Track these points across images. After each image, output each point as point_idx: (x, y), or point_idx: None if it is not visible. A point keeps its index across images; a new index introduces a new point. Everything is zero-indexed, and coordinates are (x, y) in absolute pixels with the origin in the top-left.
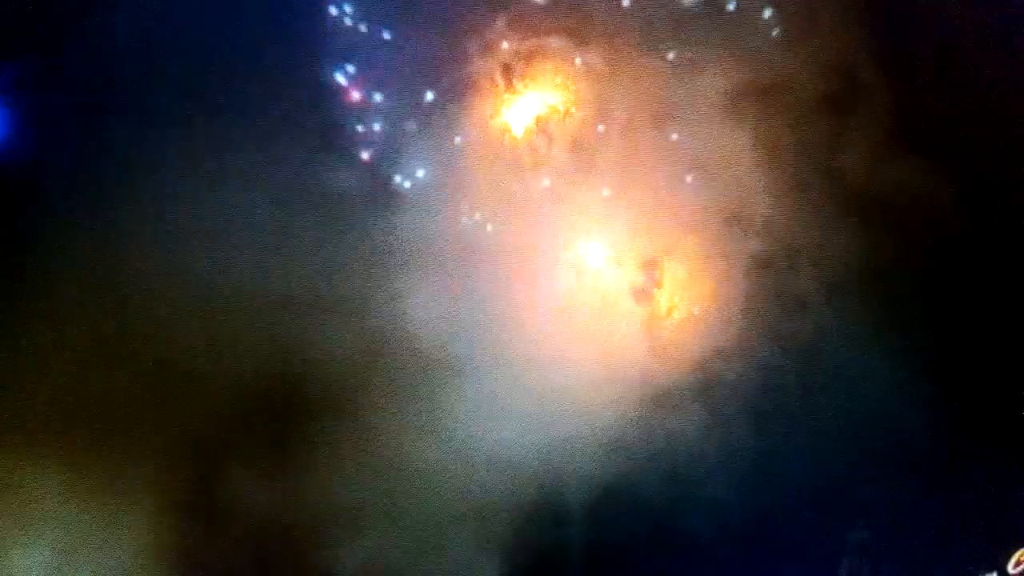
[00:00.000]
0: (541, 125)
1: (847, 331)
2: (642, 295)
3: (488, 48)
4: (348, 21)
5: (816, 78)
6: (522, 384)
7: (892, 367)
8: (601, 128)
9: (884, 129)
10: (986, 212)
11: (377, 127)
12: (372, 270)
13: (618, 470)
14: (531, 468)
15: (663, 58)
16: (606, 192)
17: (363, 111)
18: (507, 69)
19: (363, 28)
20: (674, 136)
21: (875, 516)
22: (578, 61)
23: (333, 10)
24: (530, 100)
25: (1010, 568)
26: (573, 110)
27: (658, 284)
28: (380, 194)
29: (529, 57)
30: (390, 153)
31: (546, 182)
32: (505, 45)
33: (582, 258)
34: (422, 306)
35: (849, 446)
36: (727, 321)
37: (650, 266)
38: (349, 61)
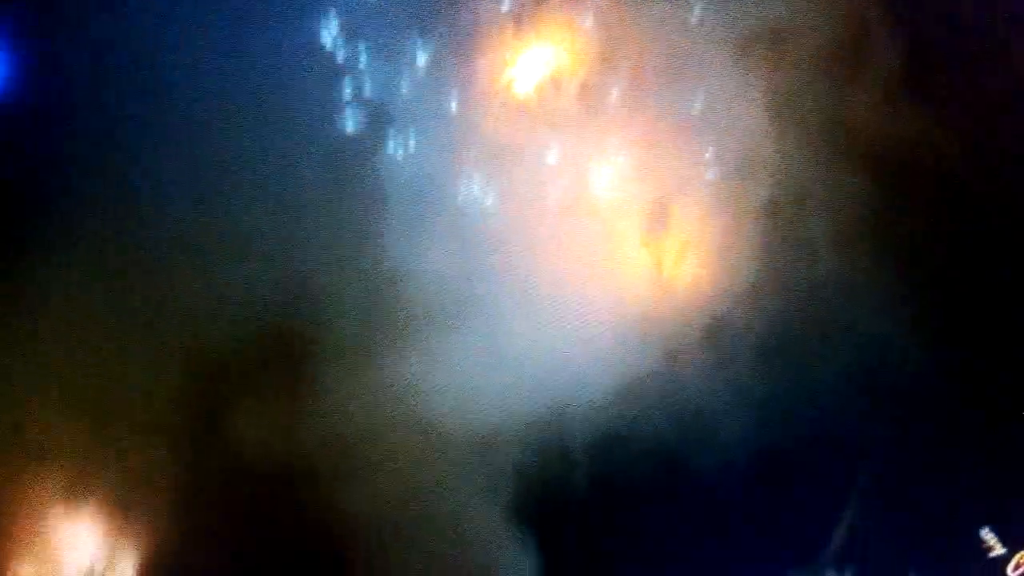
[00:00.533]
0: (549, 70)
1: (853, 277)
2: (652, 238)
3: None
4: None
5: (827, 25)
6: (532, 325)
7: (896, 313)
8: (610, 76)
9: (894, 77)
10: (991, 159)
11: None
12: (379, 215)
13: (626, 411)
14: (540, 409)
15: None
16: (615, 138)
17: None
18: (517, 17)
19: None
20: (683, 83)
21: (879, 458)
22: (589, 9)
23: None
24: (540, 48)
25: (1010, 571)
26: (582, 56)
27: (667, 227)
28: (384, 140)
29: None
30: (392, 103)
31: (554, 130)
32: None
33: (591, 202)
34: (430, 250)
35: (853, 389)
36: (736, 265)
37: (659, 209)
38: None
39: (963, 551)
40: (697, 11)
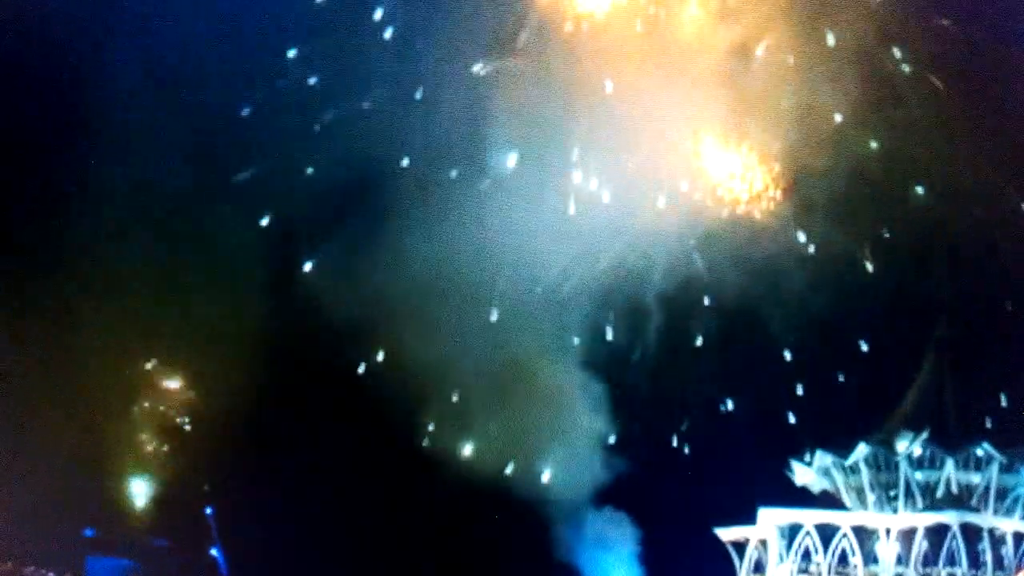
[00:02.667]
0: None
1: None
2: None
3: None
4: None
5: None
6: (604, 179)
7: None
8: None
9: None
10: None
11: None
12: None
13: (699, 264)
14: (611, 264)
15: None
16: None
17: None
18: None
19: None
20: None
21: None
22: None
23: None
24: None
25: None
26: None
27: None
28: None
29: None
30: None
31: None
32: None
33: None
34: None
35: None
36: (814, 111)
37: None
38: None
39: None
40: None
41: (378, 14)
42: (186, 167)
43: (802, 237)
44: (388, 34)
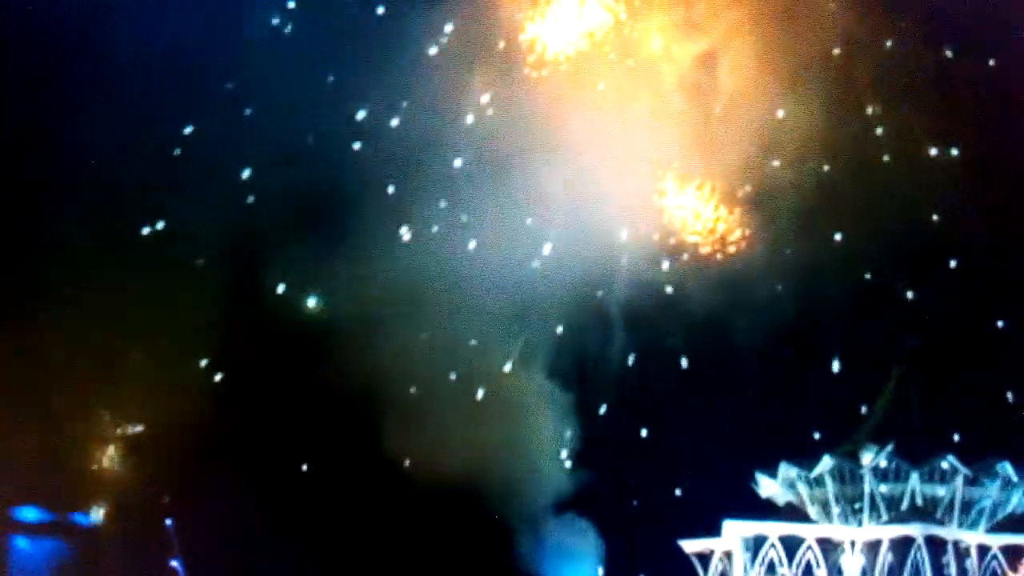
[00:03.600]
0: None
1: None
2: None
3: None
4: None
5: None
6: (572, 187)
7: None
8: None
9: None
10: None
11: None
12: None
13: (667, 276)
14: (580, 273)
15: None
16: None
17: None
18: None
19: None
20: None
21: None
22: None
23: None
24: None
25: None
26: None
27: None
28: None
29: None
30: None
31: None
32: None
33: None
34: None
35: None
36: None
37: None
38: None
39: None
40: None
41: None
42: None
43: (768, 247)
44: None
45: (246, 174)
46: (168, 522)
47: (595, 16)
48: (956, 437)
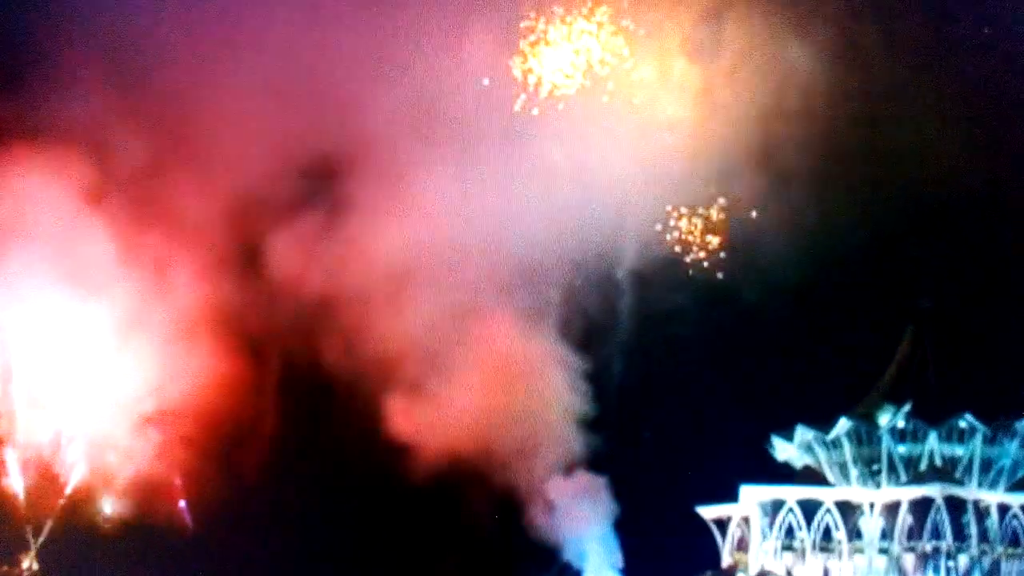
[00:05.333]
0: None
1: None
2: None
3: None
4: None
5: None
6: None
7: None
8: None
9: None
10: None
11: None
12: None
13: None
14: (586, 233)
15: None
16: None
17: None
18: None
19: None
20: None
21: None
22: None
23: None
24: None
25: None
26: None
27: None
28: None
29: None
30: None
31: None
32: None
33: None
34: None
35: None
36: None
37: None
38: None
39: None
40: None
41: None
42: None
43: (779, 210)
44: None
45: None
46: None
47: None
48: (974, 395)
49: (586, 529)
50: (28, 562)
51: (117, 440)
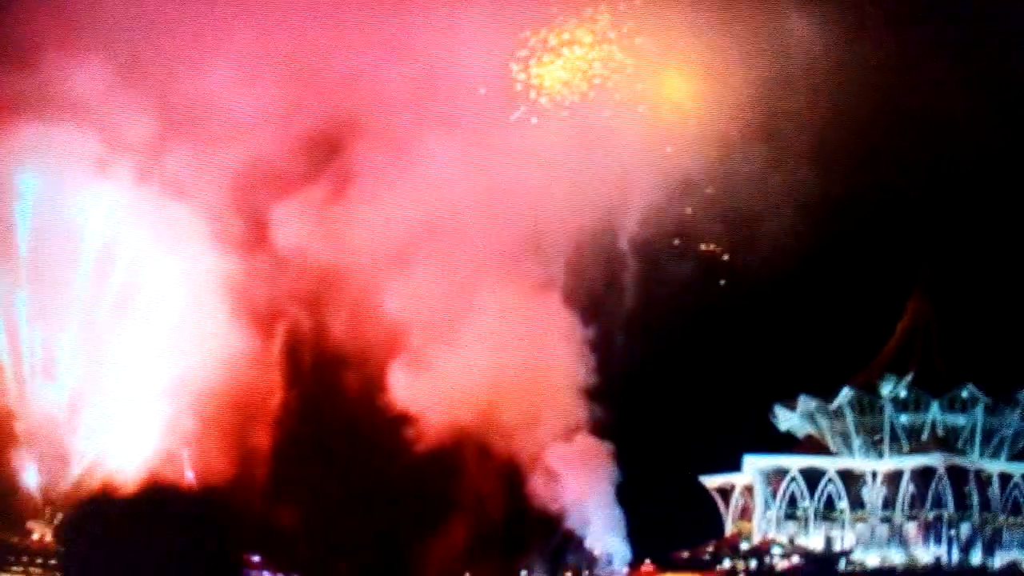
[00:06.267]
0: None
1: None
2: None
3: None
4: None
5: None
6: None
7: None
8: None
9: None
10: None
11: None
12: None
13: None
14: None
15: None
16: None
17: None
18: None
19: None
20: None
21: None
22: None
23: None
24: None
25: None
26: None
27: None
28: None
29: None
30: None
31: None
32: None
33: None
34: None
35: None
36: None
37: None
38: None
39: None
40: None
41: None
42: None
43: (780, 179)
44: None
45: None
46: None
47: None
48: (976, 365)
49: (589, 497)
50: (40, 533)
51: (128, 411)
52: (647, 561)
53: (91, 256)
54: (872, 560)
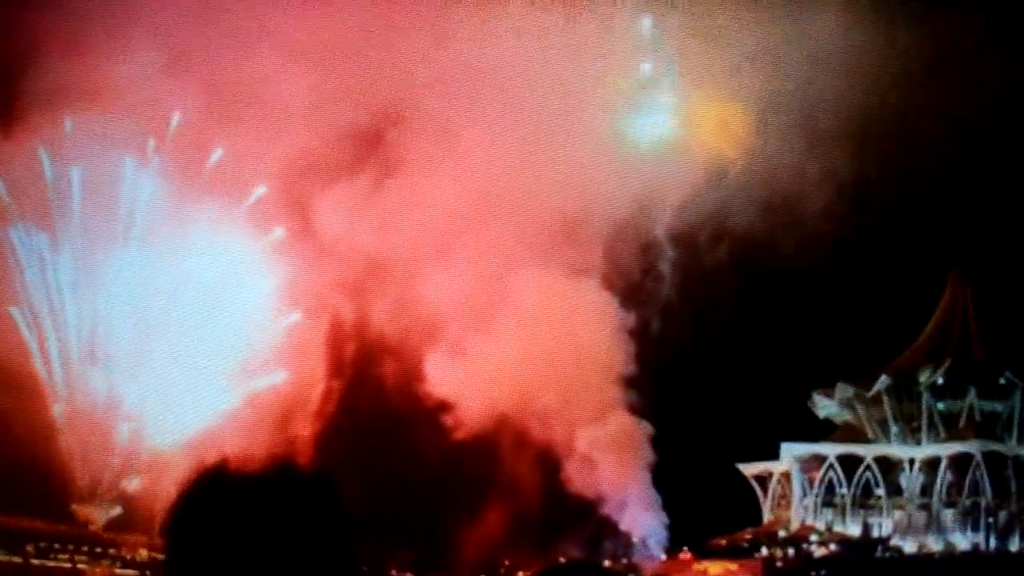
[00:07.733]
0: None
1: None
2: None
3: None
4: None
5: None
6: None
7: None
8: None
9: None
10: None
11: None
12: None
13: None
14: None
15: None
16: None
17: None
18: None
19: None
20: None
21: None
22: None
23: None
24: None
25: None
26: None
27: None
28: None
29: None
30: None
31: None
32: None
33: None
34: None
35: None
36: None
37: None
38: None
39: None
40: None
41: None
42: None
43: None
44: None
45: None
46: None
47: None
48: (1014, 352)
49: (626, 484)
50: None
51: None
52: (684, 548)
53: (137, 244)
54: (909, 547)
